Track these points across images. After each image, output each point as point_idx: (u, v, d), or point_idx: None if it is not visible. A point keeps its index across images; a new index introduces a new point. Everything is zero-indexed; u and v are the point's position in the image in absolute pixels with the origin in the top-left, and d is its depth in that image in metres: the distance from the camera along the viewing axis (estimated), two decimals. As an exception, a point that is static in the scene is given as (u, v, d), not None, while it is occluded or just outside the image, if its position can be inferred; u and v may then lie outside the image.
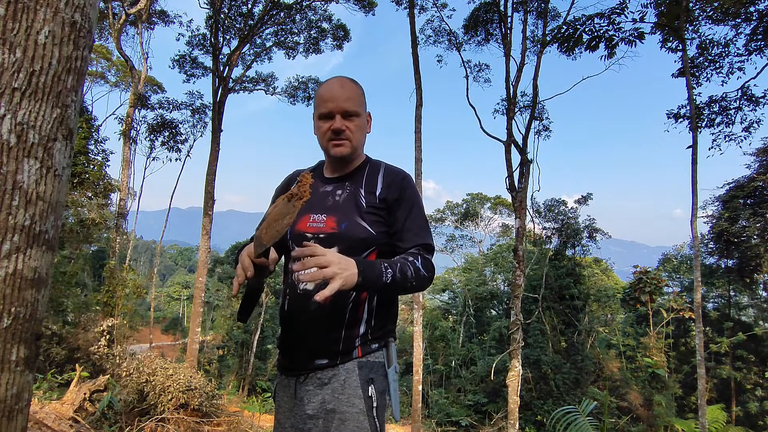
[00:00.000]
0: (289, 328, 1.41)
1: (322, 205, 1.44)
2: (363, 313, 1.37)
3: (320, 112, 1.42)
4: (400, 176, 1.48)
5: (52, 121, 0.91)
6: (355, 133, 1.43)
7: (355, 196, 1.43)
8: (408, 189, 1.45)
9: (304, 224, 1.42)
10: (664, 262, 25.75)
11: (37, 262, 0.90)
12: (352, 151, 1.44)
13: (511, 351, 10.68)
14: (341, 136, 1.41)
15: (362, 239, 1.36)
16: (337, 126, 1.40)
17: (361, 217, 1.39)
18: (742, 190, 17.95)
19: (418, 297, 11.23)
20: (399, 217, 1.41)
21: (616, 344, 23.41)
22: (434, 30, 14.74)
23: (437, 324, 25.87)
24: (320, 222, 1.41)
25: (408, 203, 1.43)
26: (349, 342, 1.35)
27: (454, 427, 19.20)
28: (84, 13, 0.96)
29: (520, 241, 11.53)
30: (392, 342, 1.44)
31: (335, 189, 1.47)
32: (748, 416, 19.05)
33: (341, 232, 1.37)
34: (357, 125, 1.43)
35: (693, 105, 11.47)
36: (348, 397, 1.31)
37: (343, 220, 1.38)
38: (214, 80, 14.44)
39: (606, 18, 10.59)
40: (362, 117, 1.45)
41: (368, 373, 1.35)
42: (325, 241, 1.35)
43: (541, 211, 22.46)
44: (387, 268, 1.23)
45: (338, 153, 1.42)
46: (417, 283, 1.29)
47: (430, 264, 1.35)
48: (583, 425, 4.21)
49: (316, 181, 1.50)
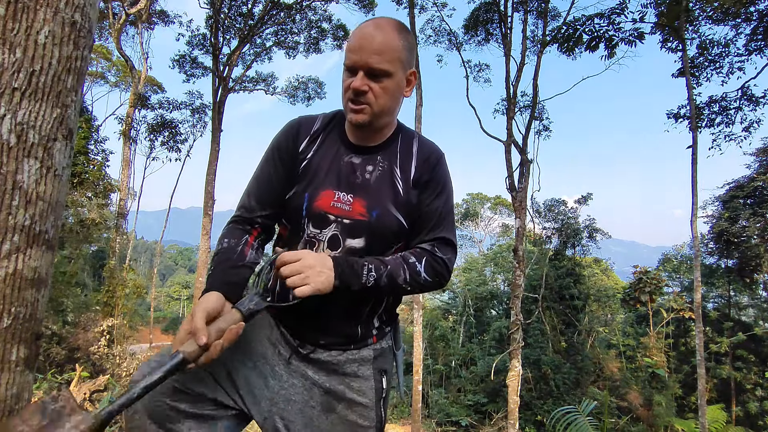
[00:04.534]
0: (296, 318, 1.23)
1: (348, 182, 1.18)
2: (383, 303, 1.24)
3: (345, 62, 1.15)
4: (436, 155, 1.24)
5: (52, 121, 0.91)
6: (379, 98, 1.13)
7: (391, 178, 1.19)
8: (440, 169, 1.23)
9: (326, 202, 1.17)
10: (664, 262, 25.76)
11: (37, 262, 0.90)
12: (373, 120, 1.15)
13: (511, 351, 10.69)
14: (360, 99, 1.12)
15: (394, 233, 1.18)
16: (356, 85, 1.10)
17: (396, 205, 1.17)
18: (742, 190, 17.96)
19: (418, 297, 11.24)
20: (422, 201, 1.20)
21: (616, 344, 23.40)
22: (434, 30, 14.76)
23: (437, 324, 25.87)
24: (346, 204, 1.17)
25: (436, 186, 1.21)
26: (366, 330, 1.23)
27: (454, 427, 19.20)
28: (84, 13, 0.96)
29: (520, 241, 11.53)
30: (398, 322, 1.33)
31: (364, 163, 1.20)
32: (748, 416, 19.04)
33: (372, 221, 1.15)
34: (385, 88, 1.13)
35: (693, 105, 11.47)
36: (360, 385, 1.20)
37: (375, 207, 1.16)
38: (214, 80, 14.45)
39: (606, 18, 10.61)
40: (396, 77, 1.13)
41: (383, 362, 1.24)
42: (348, 229, 1.16)
43: (541, 211, 22.48)
44: (369, 271, 1.09)
45: (352, 120, 1.15)
46: (413, 288, 1.14)
47: (440, 264, 1.18)
48: (583, 425, 4.21)
49: (338, 145, 1.23)
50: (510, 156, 12.02)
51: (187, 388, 1.14)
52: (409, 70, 1.17)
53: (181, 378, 1.13)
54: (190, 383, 1.15)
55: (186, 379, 1.14)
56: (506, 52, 12.51)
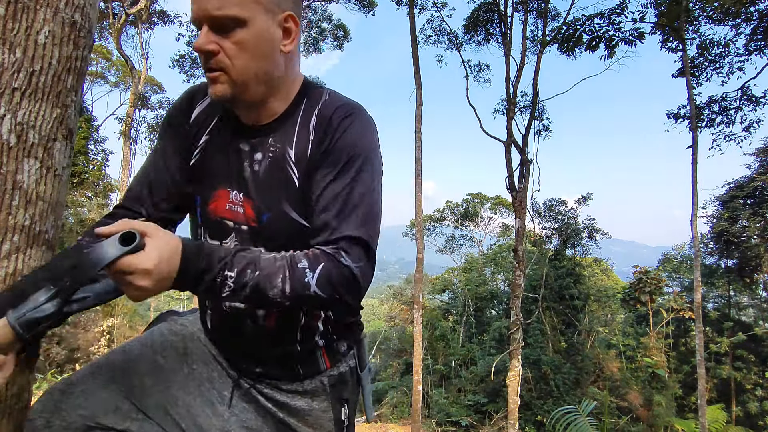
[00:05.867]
0: (224, 345, 1.02)
1: (238, 178, 0.91)
2: (320, 316, 0.98)
3: None
4: (342, 112, 0.88)
5: (52, 121, 0.91)
6: (235, 59, 0.80)
7: (282, 166, 0.89)
8: (347, 134, 0.86)
9: (222, 204, 0.92)
10: (664, 262, 25.77)
11: (37, 262, 0.90)
12: (236, 91, 0.83)
13: (511, 351, 10.69)
14: (211, 63, 0.81)
15: (296, 240, 0.87)
16: (197, 44, 0.80)
17: (292, 203, 0.88)
18: (742, 190, 17.95)
19: (418, 297, 11.23)
20: (318, 182, 0.86)
21: (616, 344, 23.39)
22: (434, 30, 14.75)
23: (437, 324, 25.85)
24: (239, 205, 0.91)
25: (337, 158, 0.85)
26: (309, 354, 0.98)
27: (454, 427, 19.19)
28: (84, 13, 0.96)
29: (520, 241, 11.53)
30: (363, 338, 1.07)
31: (253, 150, 0.91)
32: (748, 416, 19.04)
33: (262, 227, 0.90)
34: (240, 42, 0.80)
35: (693, 105, 11.48)
36: (315, 420, 1.00)
37: (264, 209, 0.89)
38: (214, 80, 14.46)
39: (606, 18, 10.62)
40: (255, 25, 0.80)
41: (341, 390, 1.02)
42: (249, 239, 0.91)
43: (541, 211, 22.48)
44: (227, 278, 0.75)
45: (211, 94, 0.84)
46: (295, 303, 0.80)
47: (344, 276, 0.80)
48: (583, 425, 4.21)
49: (229, 128, 0.94)
50: (510, 156, 12.02)
51: (99, 424, 0.90)
52: (280, 13, 0.84)
53: (89, 409, 0.89)
54: (103, 417, 0.90)
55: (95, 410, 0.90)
56: (506, 52, 12.50)
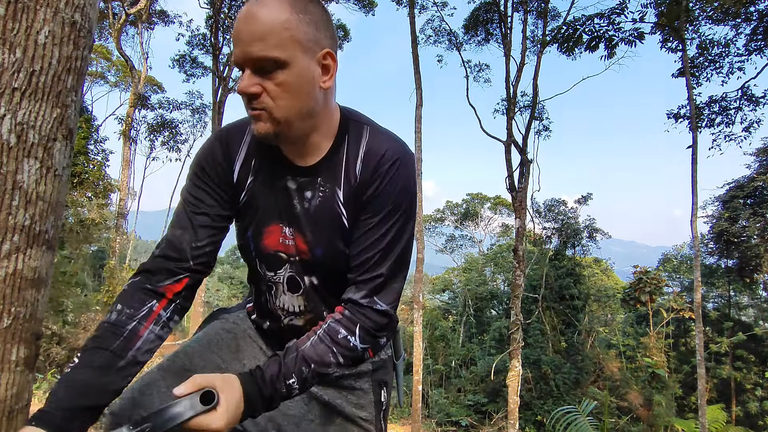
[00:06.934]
0: (278, 346, 1.09)
1: (288, 214, 0.97)
2: None
3: None
4: (388, 158, 0.92)
5: (52, 121, 0.91)
6: (278, 99, 0.84)
7: (333, 205, 0.95)
8: (392, 182, 0.91)
9: (275, 240, 0.99)
10: (664, 262, 25.77)
11: (37, 262, 0.90)
12: (279, 130, 0.87)
13: (511, 351, 10.69)
14: (254, 104, 0.85)
15: (344, 264, 0.97)
16: (241, 88, 0.83)
17: (343, 238, 0.95)
18: (742, 190, 17.95)
19: (418, 297, 11.24)
20: (361, 223, 0.93)
21: (616, 344, 23.39)
22: (434, 30, 14.76)
23: (437, 324, 25.85)
24: (290, 239, 0.98)
25: (381, 205, 0.91)
26: None
27: (454, 427, 19.19)
28: (84, 13, 0.96)
29: (520, 241, 11.53)
30: (398, 330, 1.20)
31: (302, 189, 0.96)
32: (748, 416, 19.04)
33: (315, 259, 0.98)
34: (283, 84, 0.83)
35: (693, 105, 11.48)
36: (358, 400, 1.12)
37: (317, 244, 0.97)
38: (214, 80, 14.45)
39: (606, 18, 10.63)
40: (296, 66, 0.83)
41: (382, 374, 1.15)
42: (303, 267, 1.00)
43: (541, 211, 22.47)
44: (291, 387, 0.85)
45: (254, 133, 0.88)
46: (350, 363, 0.95)
47: (379, 324, 0.93)
48: (583, 425, 4.21)
49: (274, 164, 0.98)
50: (510, 156, 12.03)
51: None
52: (319, 51, 0.86)
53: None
54: None
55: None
56: (506, 52, 12.51)
